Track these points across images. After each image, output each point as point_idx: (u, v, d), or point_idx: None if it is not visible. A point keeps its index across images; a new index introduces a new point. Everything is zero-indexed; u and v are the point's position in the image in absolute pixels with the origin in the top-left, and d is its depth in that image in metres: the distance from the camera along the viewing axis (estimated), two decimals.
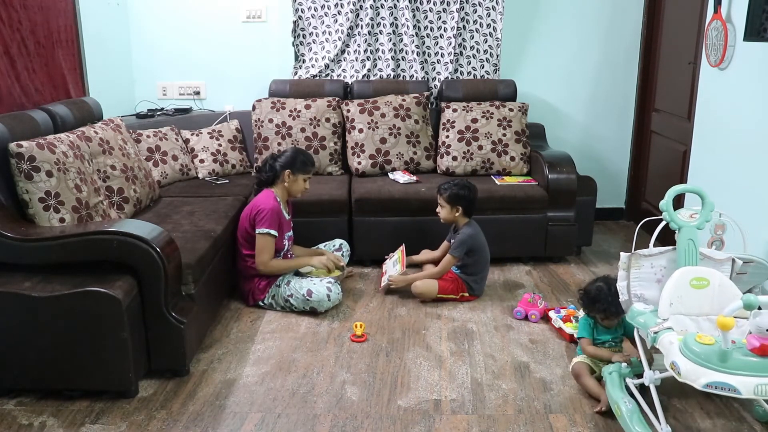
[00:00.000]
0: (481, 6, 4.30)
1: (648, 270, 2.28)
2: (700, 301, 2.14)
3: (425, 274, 3.35)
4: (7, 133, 2.55)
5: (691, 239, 2.23)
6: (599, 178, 4.04)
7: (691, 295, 2.14)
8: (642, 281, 2.28)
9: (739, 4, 3.05)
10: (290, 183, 3.23)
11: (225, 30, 4.38)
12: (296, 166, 3.21)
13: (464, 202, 3.29)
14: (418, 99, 4.13)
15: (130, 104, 4.39)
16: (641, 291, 2.28)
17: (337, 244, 3.57)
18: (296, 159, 3.23)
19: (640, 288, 2.28)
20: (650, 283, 2.28)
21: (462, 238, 3.26)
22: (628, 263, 2.27)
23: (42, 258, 2.41)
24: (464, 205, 3.29)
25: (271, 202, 3.14)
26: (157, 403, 2.42)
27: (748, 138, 3.00)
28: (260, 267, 3.12)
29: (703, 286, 2.15)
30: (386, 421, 2.31)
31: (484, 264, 3.35)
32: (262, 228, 3.08)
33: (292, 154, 3.24)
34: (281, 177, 3.22)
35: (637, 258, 2.27)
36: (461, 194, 3.27)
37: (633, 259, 2.27)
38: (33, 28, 3.13)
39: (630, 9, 4.39)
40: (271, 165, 3.24)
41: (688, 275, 2.15)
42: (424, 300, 3.27)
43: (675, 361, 1.89)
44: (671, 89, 4.08)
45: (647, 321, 2.14)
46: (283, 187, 3.25)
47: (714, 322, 2.12)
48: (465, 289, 3.30)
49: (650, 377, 2.14)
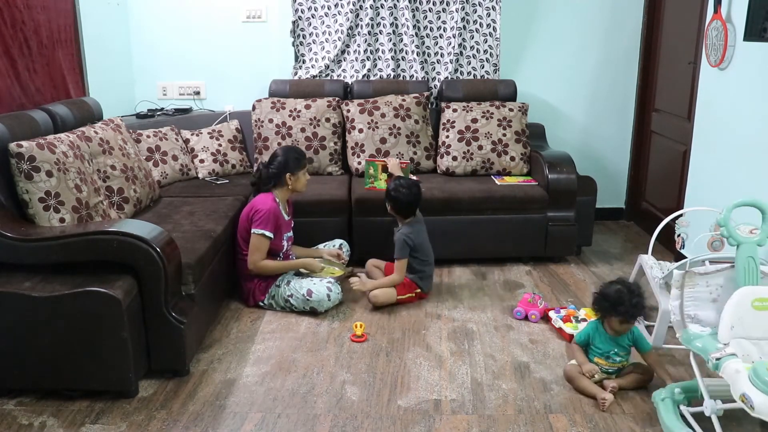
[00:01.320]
0: (481, 6, 4.30)
1: (703, 289, 2.15)
2: (763, 324, 2.01)
3: (383, 281, 3.29)
4: (7, 133, 2.55)
5: (751, 257, 2.09)
6: (599, 178, 4.04)
7: (753, 318, 2.00)
8: (696, 301, 2.15)
9: (739, 4, 3.05)
10: (293, 183, 3.23)
11: (225, 30, 4.38)
12: (292, 165, 3.21)
13: (393, 202, 3.29)
14: (418, 99, 4.13)
15: (130, 104, 4.39)
16: (695, 311, 2.15)
17: (337, 244, 3.57)
18: (290, 159, 3.21)
19: (693, 308, 2.15)
20: (705, 303, 2.16)
21: (397, 237, 3.26)
22: (681, 281, 2.14)
23: (42, 258, 2.41)
24: (393, 205, 3.30)
25: (269, 203, 3.14)
26: (157, 403, 2.42)
27: (748, 138, 3.00)
28: (251, 266, 3.13)
29: (766, 307, 2.01)
30: (386, 421, 2.31)
31: (424, 262, 3.31)
32: (257, 228, 3.09)
33: (284, 156, 3.21)
34: (283, 181, 3.21)
35: (692, 276, 2.14)
36: (392, 194, 3.28)
37: (687, 278, 2.14)
38: (35, 27, 3.13)
39: (630, 9, 4.39)
40: (269, 174, 3.21)
41: (750, 296, 2.02)
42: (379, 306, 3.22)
43: (746, 393, 1.76)
44: (671, 89, 4.08)
45: (706, 345, 2.00)
46: (285, 189, 3.25)
47: None
48: (416, 287, 3.30)
49: (712, 407, 2.02)
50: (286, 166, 3.20)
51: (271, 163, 3.23)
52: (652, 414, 2.28)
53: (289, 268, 3.22)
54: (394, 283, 3.25)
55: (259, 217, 3.09)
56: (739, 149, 3.08)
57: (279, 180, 3.21)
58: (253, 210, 3.13)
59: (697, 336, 2.07)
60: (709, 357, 1.96)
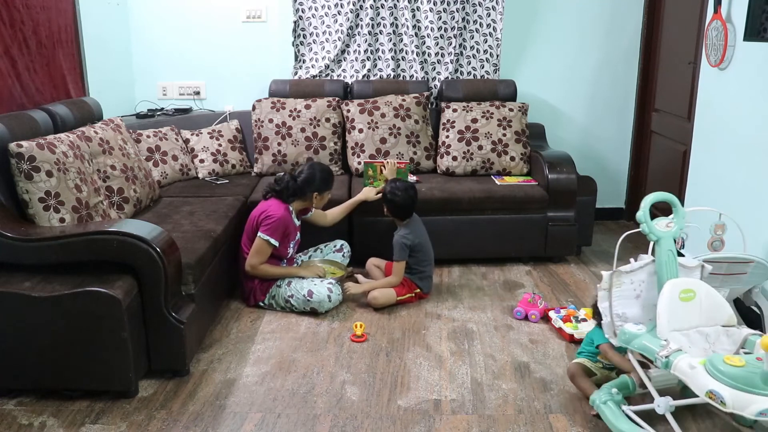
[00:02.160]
0: (481, 6, 4.30)
1: (628, 287, 2.18)
2: (689, 314, 2.06)
3: (379, 283, 3.30)
4: (7, 133, 2.55)
5: (670, 250, 2.14)
6: (599, 178, 4.04)
7: (680, 309, 2.05)
8: (622, 299, 2.17)
9: (739, 4, 3.05)
10: (317, 202, 3.26)
11: (225, 30, 4.38)
12: (321, 185, 3.22)
13: (389, 205, 3.32)
14: (418, 99, 4.13)
15: (130, 104, 4.39)
16: (622, 309, 2.17)
17: (337, 244, 3.57)
18: (321, 178, 3.21)
19: (620, 306, 2.17)
20: (629, 300, 2.18)
21: (396, 240, 3.26)
22: (609, 282, 2.16)
23: (42, 258, 2.41)
24: (390, 208, 3.33)
25: (282, 211, 3.12)
26: (157, 403, 2.42)
27: (748, 138, 3.00)
28: (248, 268, 3.13)
29: (690, 298, 2.06)
30: (386, 421, 2.31)
31: (423, 262, 3.31)
32: (264, 234, 3.08)
33: (316, 175, 3.19)
34: (308, 197, 3.22)
35: (619, 275, 2.17)
36: (388, 197, 3.30)
37: (615, 277, 2.16)
38: (35, 27, 3.13)
39: (630, 9, 4.39)
40: (296, 187, 3.18)
41: (677, 288, 2.07)
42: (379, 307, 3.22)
43: (714, 389, 1.73)
44: (671, 89, 4.08)
45: (650, 343, 2.00)
46: (305, 203, 3.25)
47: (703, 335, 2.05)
48: (416, 287, 3.30)
49: (665, 405, 2.02)
50: (313, 184, 3.20)
51: (298, 176, 3.21)
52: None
53: (286, 275, 3.20)
54: (391, 284, 3.25)
55: (269, 223, 3.08)
56: (739, 149, 3.08)
57: (304, 195, 3.21)
58: (264, 214, 3.11)
59: (636, 335, 2.07)
60: (656, 356, 1.95)
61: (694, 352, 2.00)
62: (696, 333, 2.05)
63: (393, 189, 3.30)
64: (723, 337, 2.08)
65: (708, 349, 2.05)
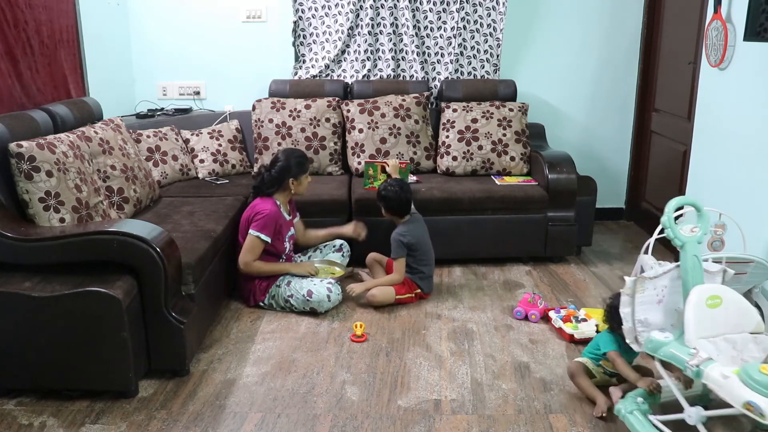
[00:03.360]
0: (482, 6, 4.30)
1: (651, 292, 2.13)
2: (715, 321, 1.99)
3: (381, 281, 3.30)
4: (7, 133, 2.55)
5: (695, 255, 2.09)
6: (599, 178, 4.04)
7: (707, 316, 1.99)
8: (645, 305, 2.13)
9: (739, 4, 3.04)
10: (296, 187, 3.24)
11: (225, 30, 4.38)
12: (295, 170, 3.20)
13: (385, 203, 3.32)
14: (418, 99, 4.13)
15: (130, 104, 4.39)
16: (644, 315, 2.12)
17: (337, 244, 3.57)
18: (292, 163, 3.20)
19: (642, 312, 2.12)
20: (652, 305, 2.13)
21: (393, 237, 3.26)
22: (633, 288, 2.12)
23: (42, 258, 2.41)
24: (385, 205, 3.32)
25: (269, 206, 3.14)
26: (157, 403, 2.42)
27: (748, 138, 2.99)
28: (241, 265, 3.13)
29: (717, 304, 2.00)
30: (386, 421, 2.31)
31: (422, 262, 3.31)
32: (254, 230, 3.08)
33: (286, 161, 3.19)
34: (285, 185, 3.21)
35: (642, 281, 2.12)
36: (383, 194, 3.30)
37: (638, 283, 2.12)
38: (38, 27, 3.13)
39: (630, 9, 4.39)
40: (271, 178, 3.19)
41: (704, 294, 2.01)
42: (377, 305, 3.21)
43: (752, 401, 1.69)
44: (671, 89, 4.08)
45: (678, 352, 1.95)
46: (287, 192, 3.25)
47: (731, 342, 2.00)
48: (416, 287, 3.30)
49: (697, 416, 1.96)
50: (289, 171, 3.19)
51: (272, 167, 3.22)
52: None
53: (277, 271, 3.19)
54: (392, 282, 3.25)
55: (258, 220, 3.09)
56: (739, 149, 3.08)
57: (281, 185, 3.20)
58: (254, 212, 3.14)
59: (664, 343, 2.02)
60: (686, 365, 1.90)
61: (723, 360, 1.94)
62: (723, 341, 1.99)
63: (386, 186, 3.32)
64: (751, 344, 2.02)
65: (736, 357, 1.98)
